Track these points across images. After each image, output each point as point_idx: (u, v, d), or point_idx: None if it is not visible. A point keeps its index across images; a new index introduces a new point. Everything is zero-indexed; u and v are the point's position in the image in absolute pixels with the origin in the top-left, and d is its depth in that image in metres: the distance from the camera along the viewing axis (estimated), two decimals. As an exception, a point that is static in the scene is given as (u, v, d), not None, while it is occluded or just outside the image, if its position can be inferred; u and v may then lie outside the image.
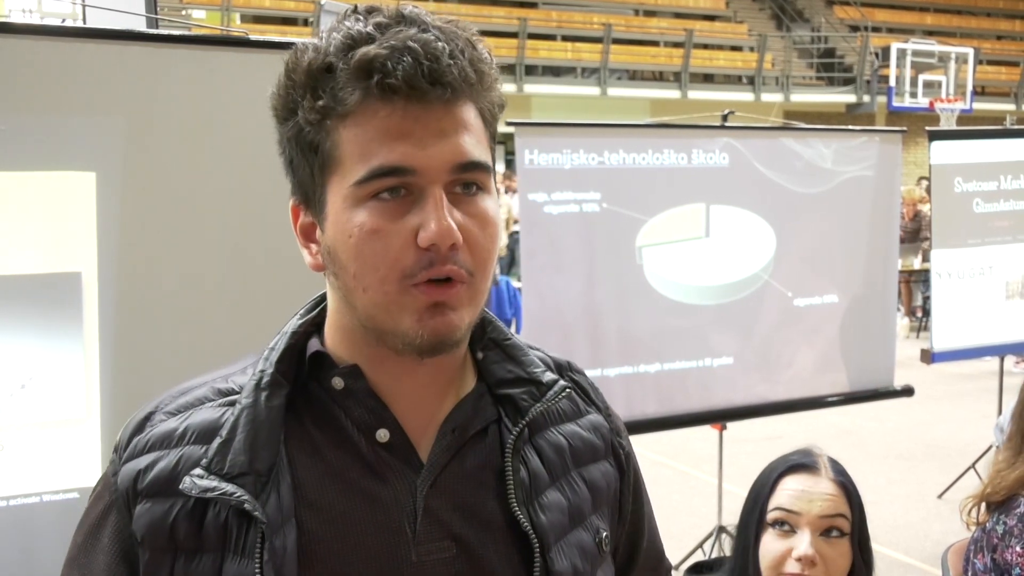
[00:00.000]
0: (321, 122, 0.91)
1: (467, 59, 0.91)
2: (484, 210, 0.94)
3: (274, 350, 1.00)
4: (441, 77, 0.89)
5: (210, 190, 2.16)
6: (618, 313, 4.19)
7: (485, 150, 0.94)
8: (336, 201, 0.92)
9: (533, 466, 1.02)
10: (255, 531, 0.91)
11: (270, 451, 0.94)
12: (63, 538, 2.02)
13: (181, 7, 14.85)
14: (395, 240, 0.90)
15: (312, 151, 0.92)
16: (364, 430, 0.97)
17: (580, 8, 19.20)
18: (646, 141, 4.26)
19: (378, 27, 0.90)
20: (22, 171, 2.00)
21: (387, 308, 0.92)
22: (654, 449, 6.41)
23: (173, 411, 0.99)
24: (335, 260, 0.93)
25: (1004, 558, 2.28)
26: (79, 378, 2.07)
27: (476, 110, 0.94)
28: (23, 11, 4.95)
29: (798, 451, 1.80)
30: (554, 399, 1.04)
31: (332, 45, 0.90)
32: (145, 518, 0.94)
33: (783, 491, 1.71)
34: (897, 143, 4.87)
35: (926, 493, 6.04)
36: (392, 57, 0.88)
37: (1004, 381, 6.13)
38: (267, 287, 2.19)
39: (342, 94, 0.89)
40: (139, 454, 0.96)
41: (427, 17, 0.92)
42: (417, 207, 0.90)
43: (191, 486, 0.92)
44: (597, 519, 1.07)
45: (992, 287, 5.52)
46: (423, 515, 0.96)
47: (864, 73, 19.20)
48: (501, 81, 0.97)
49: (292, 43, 2.34)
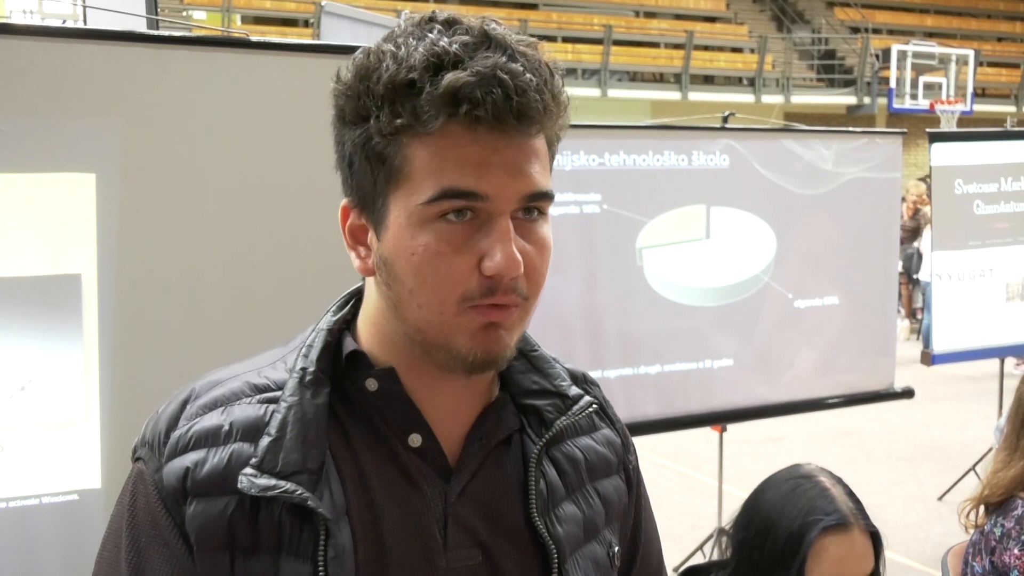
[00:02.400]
0: (395, 136, 0.89)
1: (550, 92, 0.91)
2: (543, 236, 0.95)
3: (312, 347, 0.99)
4: (527, 112, 0.88)
5: (210, 191, 2.16)
6: (618, 314, 4.19)
7: (549, 177, 0.95)
8: (400, 216, 0.91)
9: (551, 478, 1.03)
10: (311, 529, 0.90)
11: (319, 449, 0.93)
12: (62, 540, 2.03)
13: (181, 8, 14.86)
14: (459, 264, 0.89)
15: (379, 161, 0.91)
16: (397, 434, 0.97)
17: (580, 9, 19.20)
18: (646, 142, 4.26)
19: (465, 47, 0.88)
20: (22, 172, 2.00)
21: (441, 327, 0.92)
22: (654, 451, 6.41)
23: (209, 405, 0.96)
24: (391, 272, 0.93)
25: (1002, 560, 2.28)
26: (78, 380, 2.07)
27: (547, 138, 0.95)
28: (23, 12, 4.96)
29: (816, 487, 1.77)
30: (579, 413, 1.04)
31: (415, 59, 0.88)
32: (200, 519, 0.91)
33: (825, 562, 1.71)
34: (897, 145, 4.87)
35: (926, 495, 6.04)
36: (482, 86, 0.86)
37: (1004, 383, 6.13)
38: (267, 288, 2.18)
39: (425, 116, 0.87)
40: (184, 451, 0.94)
41: (511, 39, 0.91)
42: (483, 233, 0.90)
43: (249, 485, 0.90)
44: (609, 533, 1.08)
45: (992, 289, 5.52)
46: (452, 522, 0.96)
47: (864, 75, 19.20)
48: (570, 103, 0.97)
49: (293, 45, 2.35)
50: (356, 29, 4.65)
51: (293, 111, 2.19)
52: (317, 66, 2.21)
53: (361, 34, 4.55)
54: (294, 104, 2.19)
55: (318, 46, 2.45)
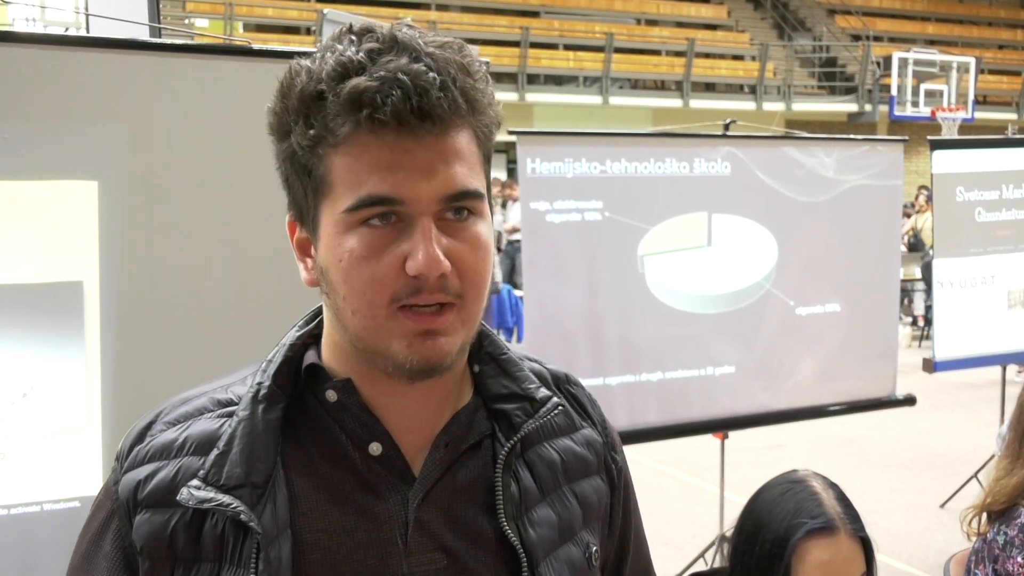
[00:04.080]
0: (313, 148, 0.91)
1: (459, 88, 0.90)
2: (476, 234, 0.94)
3: (272, 362, 1.01)
4: (431, 111, 0.88)
5: (212, 199, 2.16)
6: (620, 322, 4.19)
7: (478, 175, 0.94)
8: (328, 224, 0.93)
9: (524, 482, 1.03)
10: (251, 542, 0.92)
11: (266, 463, 0.95)
12: (64, 547, 2.02)
13: (184, 16, 14.89)
14: (383, 267, 0.90)
15: (305, 174, 0.93)
16: (358, 443, 0.98)
17: (582, 17, 19.23)
18: (648, 150, 4.27)
19: (370, 54, 0.89)
20: (24, 180, 2.00)
21: (376, 332, 0.93)
22: (655, 458, 6.40)
23: (173, 421, 1.00)
24: (327, 281, 0.94)
25: (1005, 569, 2.27)
26: (80, 387, 2.07)
27: (470, 134, 0.94)
28: (26, 20, 4.97)
29: (805, 490, 1.77)
30: (546, 415, 1.04)
31: (324, 71, 0.90)
32: (145, 528, 0.95)
33: (808, 565, 1.69)
34: (899, 152, 4.87)
35: (928, 502, 6.03)
36: (381, 91, 0.87)
37: (1006, 390, 6.12)
38: (268, 296, 2.19)
39: (333, 124, 0.89)
40: (139, 464, 0.98)
41: (421, 41, 0.91)
42: (406, 235, 0.90)
43: (188, 497, 0.93)
44: (587, 534, 1.08)
45: (994, 296, 5.52)
46: (414, 527, 0.97)
47: (866, 82, 19.21)
48: (496, 100, 0.96)
49: (295, 52, 2.35)
50: (358, 37, 4.65)
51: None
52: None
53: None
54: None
55: (320, 54, 2.45)
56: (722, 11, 21.02)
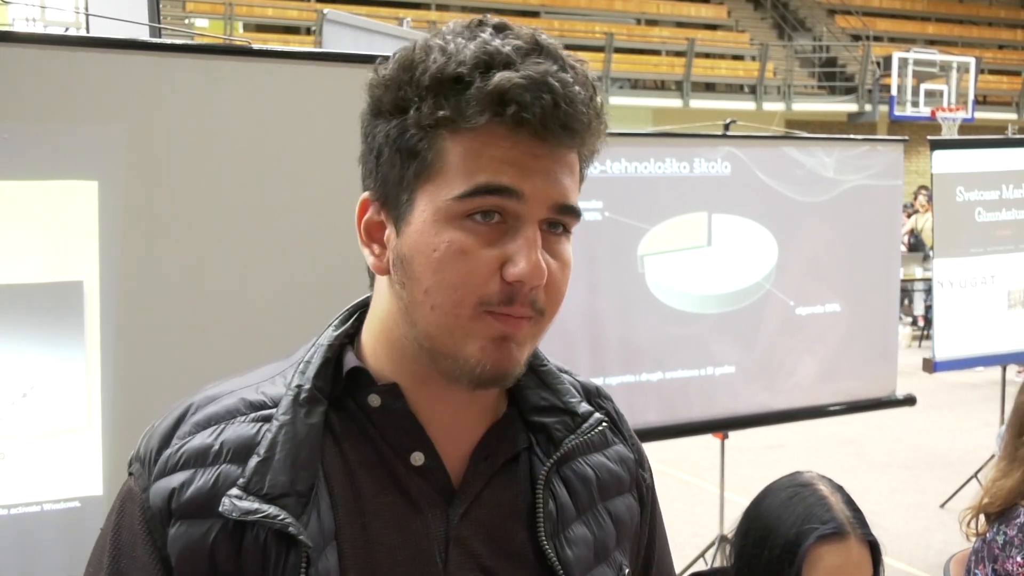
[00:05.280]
0: (433, 129, 0.88)
1: (594, 108, 0.90)
2: (566, 252, 0.93)
3: (310, 364, 0.96)
4: (573, 122, 0.87)
5: (212, 199, 2.16)
6: (620, 322, 4.19)
7: (578, 195, 0.93)
8: (425, 211, 0.88)
9: (561, 498, 0.99)
10: (296, 554, 0.88)
11: (310, 471, 0.91)
12: (64, 547, 2.03)
13: (184, 16, 14.89)
14: (481, 266, 0.87)
15: (411, 154, 0.89)
16: (398, 452, 0.95)
17: (582, 17, 19.24)
18: (648, 150, 4.27)
19: (516, 51, 0.87)
20: (24, 180, 2.00)
21: (452, 331, 0.89)
22: (655, 458, 6.33)
23: (203, 423, 0.94)
24: (407, 270, 0.90)
25: (1005, 569, 2.28)
26: (80, 387, 2.07)
27: (580, 156, 0.93)
28: (26, 20, 4.97)
29: (814, 495, 1.76)
30: (589, 431, 1.02)
31: (465, 55, 0.87)
32: (181, 541, 0.90)
33: (820, 571, 1.69)
34: (899, 152, 4.87)
35: (928, 502, 6.03)
36: (532, 90, 0.85)
37: (1006, 390, 6.12)
38: (270, 296, 2.19)
39: (470, 112, 0.86)
40: (172, 471, 0.92)
41: (562, 52, 0.90)
42: (509, 237, 0.88)
43: (231, 508, 0.88)
44: (620, 555, 1.04)
45: (994, 296, 5.52)
46: (454, 545, 0.94)
47: (866, 82, 19.22)
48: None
49: (295, 52, 2.35)
50: (358, 37, 4.66)
51: (295, 119, 2.19)
52: (319, 74, 2.22)
53: (363, 42, 4.56)
54: (296, 112, 2.19)
55: (320, 54, 2.46)
56: (722, 11, 21.02)
